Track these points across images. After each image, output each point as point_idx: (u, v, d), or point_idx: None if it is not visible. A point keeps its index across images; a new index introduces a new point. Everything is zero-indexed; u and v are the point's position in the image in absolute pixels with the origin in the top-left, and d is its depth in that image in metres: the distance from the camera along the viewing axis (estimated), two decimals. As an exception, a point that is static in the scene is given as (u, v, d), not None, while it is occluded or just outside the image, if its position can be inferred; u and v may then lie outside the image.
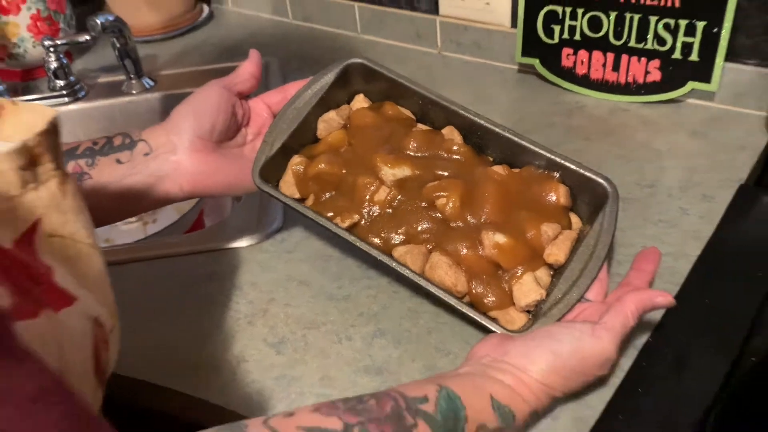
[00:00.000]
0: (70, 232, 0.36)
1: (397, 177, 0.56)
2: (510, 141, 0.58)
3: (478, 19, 0.94)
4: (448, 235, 0.53)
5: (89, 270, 0.37)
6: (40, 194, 0.34)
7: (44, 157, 0.34)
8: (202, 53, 1.12)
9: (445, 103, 0.61)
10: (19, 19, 1.02)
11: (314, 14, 1.13)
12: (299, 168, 0.59)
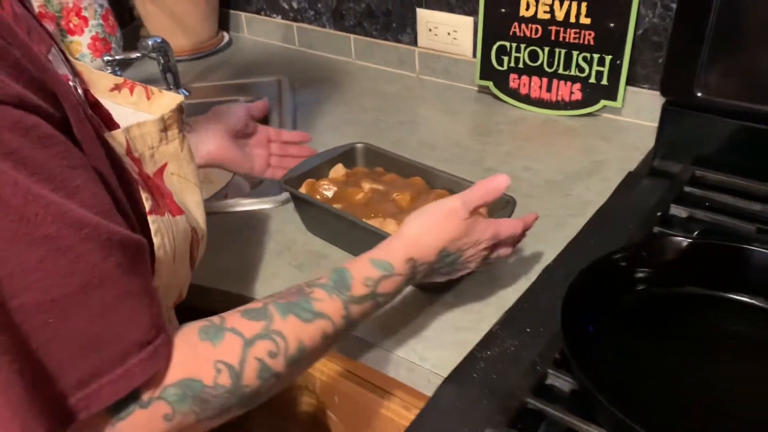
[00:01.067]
0: (184, 173, 0.59)
1: (371, 187, 0.81)
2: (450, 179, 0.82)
3: (448, 51, 1.21)
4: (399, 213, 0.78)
5: (192, 197, 0.60)
6: (168, 148, 0.56)
7: (173, 125, 0.56)
8: (223, 71, 1.37)
9: (409, 162, 0.86)
10: (82, 39, 1.27)
11: (316, 42, 1.40)
12: (313, 183, 0.84)
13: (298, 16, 1.40)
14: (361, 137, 0.95)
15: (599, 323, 0.62)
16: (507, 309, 0.71)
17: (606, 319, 0.62)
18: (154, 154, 0.55)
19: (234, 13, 1.51)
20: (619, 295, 0.64)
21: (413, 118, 1.14)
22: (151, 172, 0.54)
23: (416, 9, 1.21)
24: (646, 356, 0.61)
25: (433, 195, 0.80)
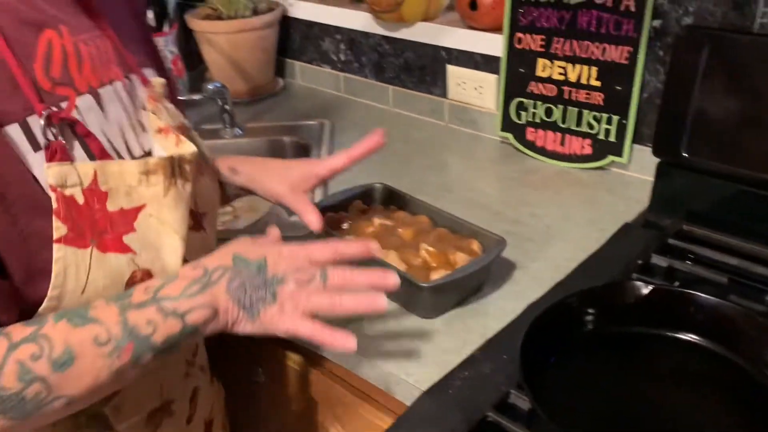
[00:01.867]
0: (164, 218, 0.61)
1: (380, 222, 0.93)
2: (453, 220, 0.93)
3: (474, 103, 1.32)
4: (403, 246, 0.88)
5: (168, 243, 0.62)
6: (148, 191, 0.60)
7: (159, 172, 0.60)
8: (275, 113, 1.52)
9: (416, 200, 0.97)
10: (153, 81, 1.44)
11: (359, 91, 1.54)
12: (333, 216, 0.96)
13: (344, 67, 1.55)
14: (387, 177, 1.07)
15: (559, 355, 0.71)
16: (489, 337, 0.80)
17: (564, 352, 0.71)
18: (131, 193, 0.59)
19: (289, 61, 1.67)
20: (576, 332, 0.73)
21: (437, 162, 1.25)
22: (119, 207, 0.59)
23: (447, 65, 1.33)
24: (596, 385, 0.69)
25: (434, 233, 0.91)
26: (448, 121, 1.38)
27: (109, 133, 0.63)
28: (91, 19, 0.65)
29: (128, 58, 0.68)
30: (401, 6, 1.28)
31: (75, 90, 0.59)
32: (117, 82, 0.64)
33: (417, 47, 1.37)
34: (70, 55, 0.60)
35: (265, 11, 1.55)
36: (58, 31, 0.59)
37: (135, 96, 0.67)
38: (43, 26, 0.59)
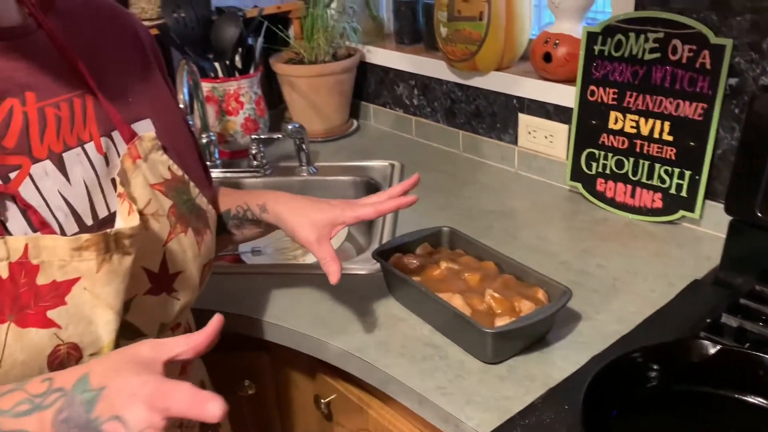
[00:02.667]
0: (97, 292, 0.61)
1: (447, 266, 0.96)
2: (518, 267, 0.95)
3: (544, 152, 1.34)
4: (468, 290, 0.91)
5: (102, 316, 0.61)
6: (81, 265, 0.59)
7: (91, 248, 0.59)
8: (348, 153, 1.58)
9: (484, 247, 0.99)
10: (237, 119, 1.53)
11: (430, 134, 1.58)
12: (401, 257, 0.99)
13: (417, 111, 1.60)
14: (454, 221, 1.10)
15: (621, 410, 0.71)
16: (551, 386, 0.81)
17: (627, 407, 0.71)
18: (65, 266, 0.60)
19: (364, 104, 1.74)
20: (639, 387, 0.73)
21: (504, 208, 1.27)
22: (51, 279, 0.59)
23: (518, 114, 1.36)
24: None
25: (500, 279, 0.93)
26: (518, 167, 1.41)
27: (70, 197, 0.64)
28: (74, 77, 0.67)
29: (113, 114, 0.69)
30: (476, 56, 1.32)
31: (31, 158, 0.61)
32: (88, 144, 0.66)
33: (489, 95, 1.41)
34: (32, 122, 0.62)
35: (345, 57, 1.63)
36: (21, 99, 0.62)
37: (112, 155, 0.68)
38: (5, 95, 0.61)
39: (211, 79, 1.51)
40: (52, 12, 0.69)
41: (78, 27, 0.71)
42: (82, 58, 0.68)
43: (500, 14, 1.28)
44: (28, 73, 0.63)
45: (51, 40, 0.66)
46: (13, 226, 0.59)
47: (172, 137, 0.77)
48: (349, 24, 1.59)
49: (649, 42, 1.10)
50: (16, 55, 0.63)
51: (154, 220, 0.68)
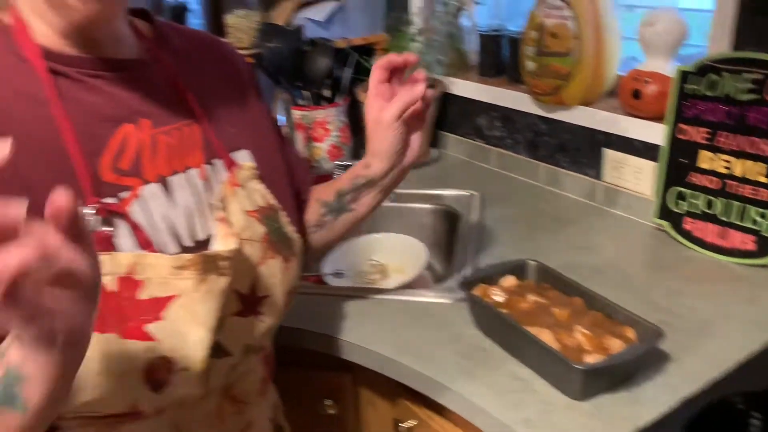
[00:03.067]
0: (192, 311, 0.65)
1: (535, 300, 0.97)
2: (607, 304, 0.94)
3: (629, 188, 1.33)
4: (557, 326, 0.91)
5: (194, 334, 0.65)
6: (180, 284, 0.64)
7: (189, 268, 0.64)
8: (428, 181, 1.61)
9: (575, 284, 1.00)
10: (323, 145, 1.59)
11: (511, 165, 1.59)
12: (486, 288, 1.01)
13: (498, 142, 1.61)
14: (537, 253, 1.10)
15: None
16: (641, 427, 0.81)
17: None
18: (166, 283, 0.64)
19: (444, 133, 1.77)
20: (740, 432, 0.71)
21: (588, 243, 1.27)
22: (152, 295, 0.64)
23: (604, 149, 1.36)
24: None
25: (589, 316, 0.93)
26: (601, 203, 1.40)
27: (173, 219, 0.69)
28: (184, 107, 0.73)
29: (216, 143, 0.74)
30: (563, 91, 1.34)
31: (142, 180, 0.67)
32: (193, 170, 0.71)
33: (574, 129, 1.41)
34: (145, 147, 0.68)
35: (428, 87, 1.66)
36: (137, 125, 0.68)
37: (213, 181, 0.73)
38: (122, 121, 0.67)
39: (300, 107, 1.57)
40: (166, 47, 0.76)
41: (188, 61, 0.78)
42: (191, 89, 0.74)
43: (589, 50, 1.29)
44: (144, 101, 0.69)
45: (165, 72, 0.73)
46: (121, 242, 0.65)
47: (267, 166, 0.81)
48: (434, 57, 1.63)
49: (746, 83, 1.09)
50: (135, 85, 0.69)
51: (248, 245, 0.73)
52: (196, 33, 0.85)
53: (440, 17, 1.59)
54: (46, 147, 0.62)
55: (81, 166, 0.63)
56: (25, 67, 0.64)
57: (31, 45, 0.64)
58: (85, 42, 0.66)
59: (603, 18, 1.29)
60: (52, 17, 0.64)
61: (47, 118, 0.63)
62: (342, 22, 1.71)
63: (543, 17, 1.33)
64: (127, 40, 0.71)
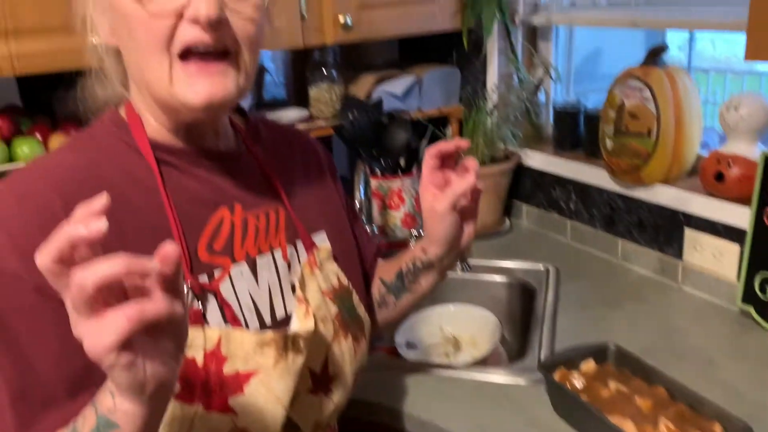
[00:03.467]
0: (271, 387, 0.68)
1: (617, 388, 0.95)
2: (694, 397, 0.91)
3: (711, 269, 1.30)
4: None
5: (269, 410, 0.68)
6: (261, 360, 0.68)
7: (270, 345, 0.68)
8: (502, 252, 1.62)
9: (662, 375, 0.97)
10: (397, 214, 1.63)
11: (586, 239, 1.58)
12: (565, 372, 1.00)
13: (573, 215, 1.61)
14: (615, 335, 1.09)
15: None
16: None
17: None
18: (248, 359, 0.68)
19: (517, 203, 1.78)
20: None
21: (668, 326, 1.24)
22: (234, 370, 0.68)
23: (684, 228, 1.34)
24: None
25: (674, 408, 0.90)
26: (681, 282, 1.37)
27: (256, 297, 0.74)
28: (271, 194, 0.79)
29: (299, 226, 0.80)
30: (642, 170, 1.33)
31: (232, 259, 0.73)
32: (277, 250, 0.77)
33: (653, 207, 1.40)
34: (236, 229, 0.74)
35: (502, 158, 1.69)
36: (231, 209, 0.74)
37: (294, 262, 0.79)
38: (219, 204, 0.74)
39: (377, 176, 1.62)
40: (257, 140, 0.84)
41: (275, 151, 0.85)
42: (277, 177, 0.81)
43: (669, 131, 1.29)
44: (237, 188, 0.76)
45: (256, 162, 0.81)
46: (210, 317, 0.70)
47: (341, 246, 0.87)
48: (509, 130, 1.66)
49: (838, 170, 1.07)
50: (230, 174, 0.76)
51: (322, 324, 0.77)
52: (282, 126, 0.94)
53: (517, 93, 1.63)
54: (153, 229, 0.69)
55: (181, 246, 0.69)
56: (139, 157, 0.71)
57: (143, 138, 0.72)
58: (190, 135, 0.74)
59: (683, 99, 1.29)
60: (162, 116, 0.72)
61: (156, 203, 0.70)
62: (418, 94, 1.77)
63: (622, 97, 1.34)
64: (225, 134, 0.79)
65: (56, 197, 0.65)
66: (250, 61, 0.69)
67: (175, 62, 0.65)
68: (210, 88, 0.66)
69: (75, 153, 0.71)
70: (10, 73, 1.21)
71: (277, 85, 1.90)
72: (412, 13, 1.65)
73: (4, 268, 0.62)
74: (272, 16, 0.75)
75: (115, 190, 0.67)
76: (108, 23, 0.69)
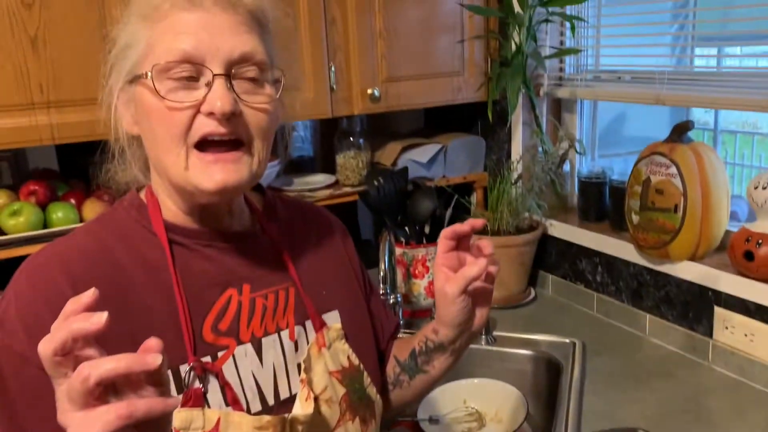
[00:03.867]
0: None
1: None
2: None
3: (743, 350, 1.27)
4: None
5: None
6: None
7: (268, 429, 0.68)
8: (527, 323, 1.60)
9: None
10: (422, 282, 1.63)
11: (612, 313, 1.56)
12: None
13: (599, 287, 1.60)
14: (645, 416, 1.06)
15: None
16: None
17: None
18: None
19: (543, 273, 1.77)
20: None
21: (699, 408, 1.20)
22: None
23: (714, 306, 1.32)
24: None
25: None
26: (712, 362, 1.34)
27: (259, 377, 0.74)
28: (283, 273, 0.80)
29: (309, 306, 0.80)
30: (669, 245, 1.32)
31: (237, 340, 0.74)
32: (284, 331, 0.77)
33: (681, 283, 1.38)
34: (243, 309, 0.75)
35: (527, 229, 1.69)
36: (239, 289, 0.76)
37: (301, 342, 0.79)
38: (228, 285, 0.75)
39: (401, 244, 1.63)
40: (272, 217, 0.85)
41: (290, 228, 0.87)
42: (291, 256, 0.82)
43: (696, 207, 1.29)
44: (248, 268, 0.78)
45: (269, 241, 0.82)
46: (211, 398, 0.71)
47: (354, 325, 0.86)
48: (534, 200, 1.67)
49: None
50: (242, 254, 0.78)
51: (326, 406, 0.76)
52: (299, 203, 0.95)
53: (542, 164, 1.64)
54: (159, 310, 0.71)
55: (186, 326, 0.71)
56: (152, 238, 0.75)
57: (158, 219, 0.75)
58: (205, 216, 0.77)
59: (710, 175, 1.29)
60: (179, 199, 0.75)
61: (164, 283, 0.72)
62: (443, 162, 1.79)
63: (648, 172, 1.34)
64: (241, 213, 0.81)
65: (65, 280, 0.68)
66: (263, 149, 0.72)
67: (191, 151, 0.69)
68: (224, 175, 0.69)
69: (89, 236, 0.75)
70: (50, 141, 1.26)
71: (304, 140, 1.93)
72: (437, 86, 1.68)
73: (11, 345, 0.66)
74: (286, 106, 0.78)
75: (124, 273, 0.71)
76: (131, 114, 0.73)
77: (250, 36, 0.70)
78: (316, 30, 1.48)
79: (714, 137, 2.71)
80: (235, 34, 0.69)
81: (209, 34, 0.67)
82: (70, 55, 1.24)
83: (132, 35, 0.71)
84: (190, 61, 0.67)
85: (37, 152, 1.53)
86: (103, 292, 0.52)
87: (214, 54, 0.67)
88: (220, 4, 0.69)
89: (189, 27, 0.68)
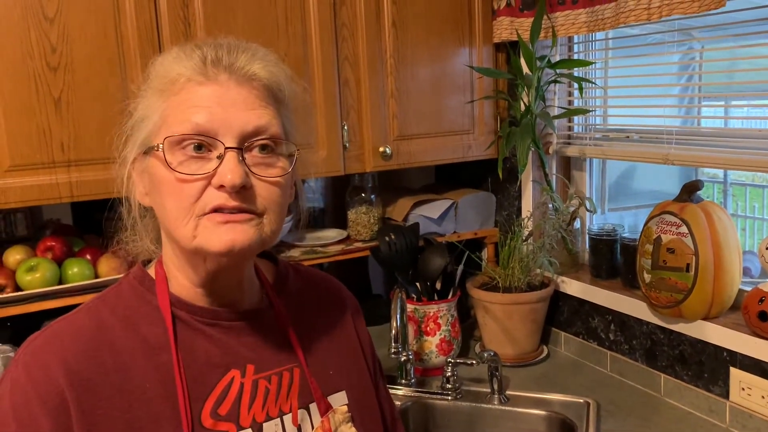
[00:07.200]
0: None
1: None
2: None
3: (761, 412, 1.25)
4: None
5: None
6: None
7: None
8: (540, 382, 1.57)
9: None
10: (433, 339, 1.62)
11: (627, 372, 1.54)
12: None
13: (613, 346, 1.58)
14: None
15: None
16: None
17: None
18: None
19: (555, 331, 1.75)
20: None
21: (718, 474, 1.17)
22: None
23: (730, 367, 1.30)
24: None
25: None
26: (729, 424, 1.31)
27: None
28: (289, 353, 0.78)
29: (313, 388, 0.78)
30: (682, 305, 1.32)
31: (237, 426, 0.72)
32: (287, 415, 0.75)
33: (696, 343, 1.37)
34: (245, 392, 0.73)
35: (538, 284, 1.68)
36: (242, 371, 0.74)
37: (305, 426, 0.77)
38: (230, 366, 0.73)
39: (413, 300, 1.63)
40: (283, 290, 0.84)
41: (300, 301, 0.85)
42: (298, 333, 0.80)
43: (708, 266, 1.29)
44: (253, 348, 0.76)
45: (276, 318, 0.80)
46: None
47: (361, 406, 0.84)
48: (545, 257, 1.67)
49: None
50: (247, 334, 0.77)
51: None
52: (312, 273, 0.93)
53: (552, 223, 1.65)
54: (157, 393, 0.70)
55: (185, 411, 0.70)
56: (156, 314, 0.74)
57: (164, 294, 0.74)
58: (215, 289, 0.75)
59: (721, 235, 1.29)
60: (189, 269, 0.74)
61: (164, 365, 0.71)
62: (454, 218, 1.80)
63: (658, 231, 1.35)
64: (251, 288, 0.80)
65: (59, 368, 0.68)
66: (276, 221, 0.72)
67: (201, 219, 0.68)
68: (233, 235, 0.68)
69: (89, 315, 0.74)
70: (69, 199, 1.28)
71: (315, 191, 1.95)
72: (448, 143, 1.71)
73: None
74: (299, 186, 0.80)
75: (121, 356, 0.70)
76: (143, 185, 0.74)
77: (266, 110, 0.70)
78: (330, 90, 1.53)
79: (724, 190, 2.71)
80: (250, 108, 0.69)
81: (223, 108, 0.68)
82: (91, 114, 1.28)
83: (147, 108, 0.72)
84: (202, 133, 0.67)
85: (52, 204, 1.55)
86: (97, 377, 0.54)
87: (227, 128, 0.68)
88: (235, 79, 0.69)
89: (203, 100, 0.68)
